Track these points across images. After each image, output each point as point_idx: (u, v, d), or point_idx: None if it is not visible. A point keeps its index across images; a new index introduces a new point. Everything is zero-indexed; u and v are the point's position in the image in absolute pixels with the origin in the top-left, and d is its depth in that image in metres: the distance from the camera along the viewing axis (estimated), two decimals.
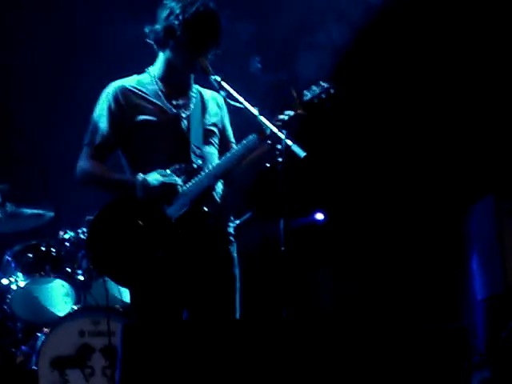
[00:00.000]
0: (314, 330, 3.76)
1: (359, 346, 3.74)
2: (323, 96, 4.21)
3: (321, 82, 4.25)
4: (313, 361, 3.70)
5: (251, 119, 4.08)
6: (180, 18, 4.20)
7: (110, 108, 4.28)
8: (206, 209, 4.16)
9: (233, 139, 4.50)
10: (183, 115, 4.33)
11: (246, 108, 4.08)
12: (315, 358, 3.69)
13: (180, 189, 4.16)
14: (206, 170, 4.20)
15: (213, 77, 4.17)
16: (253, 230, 6.43)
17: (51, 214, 6.14)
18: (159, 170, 4.16)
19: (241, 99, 4.10)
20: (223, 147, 4.42)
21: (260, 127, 4.10)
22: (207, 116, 4.39)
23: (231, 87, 4.15)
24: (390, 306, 7.09)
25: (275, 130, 4.00)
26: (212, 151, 4.36)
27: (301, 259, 6.93)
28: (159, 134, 4.25)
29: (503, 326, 5.97)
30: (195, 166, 4.23)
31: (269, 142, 4.05)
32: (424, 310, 6.85)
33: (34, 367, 5.52)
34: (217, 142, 4.41)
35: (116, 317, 5.50)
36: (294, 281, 3.92)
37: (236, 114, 4.32)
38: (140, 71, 4.43)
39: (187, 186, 4.18)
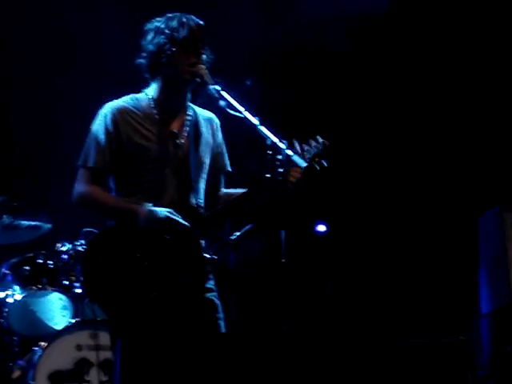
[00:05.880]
0: (316, 344, 3.72)
1: (361, 360, 3.70)
2: (321, 153, 4.15)
3: (319, 138, 4.17)
4: (314, 375, 3.66)
5: (251, 129, 4.01)
6: (167, 32, 4.11)
7: (107, 130, 4.13)
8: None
9: (227, 167, 4.38)
10: (178, 143, 4.19)
11: (246, 118, 4.00)
12: (316, 372, 3.66)
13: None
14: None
15: (212, 86, 4.07)
16: (253, 242, 6.37)
17: (48, 226, 6.08)
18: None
19: (241, 109, 4.03)
20: (213, 177, 4.31)
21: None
22: (201, 147, 4.25)
23: (231, 96, 4.07)
24: (394, 318, 7.03)
25: (276, 139, 3.94)
26: (202, 185, 4.25)
27: (303, 271, 6.88)
28: (154, 162, 4.13)
29: (508, 339, 5.89)
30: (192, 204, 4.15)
31: (269, 152, 3.98)
32: (430, 324, 6.78)
33: (30, 382, 5.46)
34: (206, 173, 4.28)
35: None
36: (295, 293, 3.87)
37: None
38: (137, 90, 4.28)
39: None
